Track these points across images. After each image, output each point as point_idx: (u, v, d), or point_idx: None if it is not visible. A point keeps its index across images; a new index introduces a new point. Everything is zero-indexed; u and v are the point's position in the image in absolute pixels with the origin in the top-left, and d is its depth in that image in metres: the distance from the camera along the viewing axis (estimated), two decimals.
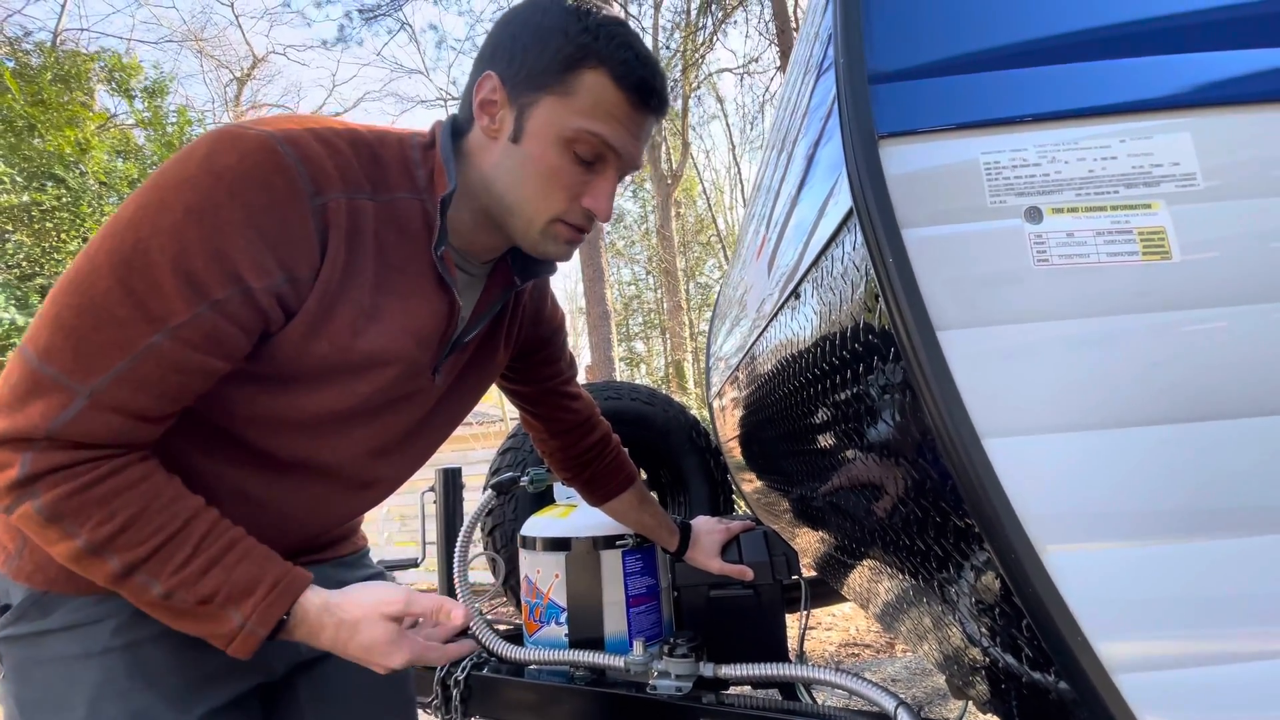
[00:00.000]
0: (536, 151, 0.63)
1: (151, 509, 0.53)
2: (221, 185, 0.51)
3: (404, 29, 13.95)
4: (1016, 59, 0.50)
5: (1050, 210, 0.47)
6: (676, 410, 2.05)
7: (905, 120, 0.49)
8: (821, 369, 0.68)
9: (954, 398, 0.44)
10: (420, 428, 0.75)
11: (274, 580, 0.57)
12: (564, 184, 0.64)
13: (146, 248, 0.50)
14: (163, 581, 0.53)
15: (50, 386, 0.50)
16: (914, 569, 0.65)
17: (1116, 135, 0.49)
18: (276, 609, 0.56)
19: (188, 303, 0.51)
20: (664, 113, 0.68)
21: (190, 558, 0.54)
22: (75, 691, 0.57)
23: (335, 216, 0.57)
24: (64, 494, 0.51)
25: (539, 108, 0.62)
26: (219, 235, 0.51)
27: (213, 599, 0.54)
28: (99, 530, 0.51)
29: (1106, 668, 0.43)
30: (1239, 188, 0.48)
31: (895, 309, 0.46)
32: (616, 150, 0.64)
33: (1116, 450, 0.44)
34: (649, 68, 0.64)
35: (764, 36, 9.66)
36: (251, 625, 0.55)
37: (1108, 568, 0.43)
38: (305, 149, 0.56)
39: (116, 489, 0.52)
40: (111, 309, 0.50)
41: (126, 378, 0.51)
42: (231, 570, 0.55)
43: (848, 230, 0.53)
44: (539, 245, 0.68)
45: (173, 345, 0.52)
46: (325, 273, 0.57)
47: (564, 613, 1.19)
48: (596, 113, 0.62)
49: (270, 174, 0.53)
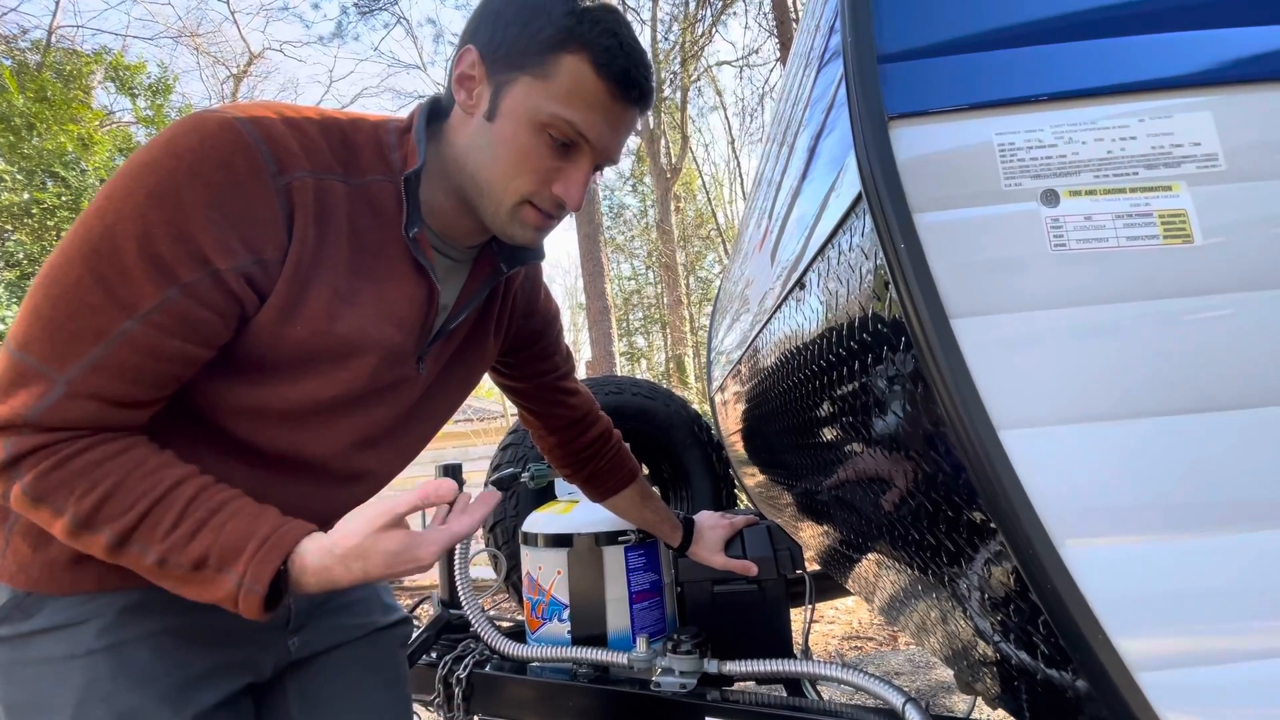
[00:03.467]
0: (509, 132, 0.61)
1: (134, 476, 0.53)
2: (182, 166, 0.51)
3: (400, 23, 13.89)
4: (1031, 36, 0.48)
5: (1067, 193, 0.46)
6: (678, 405, 2.03)
7: (916, 100, 0.47)
8: (828, 360, 0.67)
9: (968, 388, 0.43)
10: (407, 420, 0.74)
11: (265, 535, 0.54)
12: (534, 167, 0.63)
13: (113, 234, 0.51)
14: (155, 547, 0.52)
15: (31, 375, 0.51)
16: (924, 564, 0.63)
17: (1135, 115, 0.47)
18: (269, 563, 0.53)
19: (156, 286, 0.51)
20: (647, 106, 0.66)
21: (178, 520, 0.53)
22: (60, 693, 0.56)
23: (301, 196, 0.56)
24: (44, 470, 0.51)
25: (515, 87, 0.61)
26: (181, 216, 0.51)
27: (205, 562, 0.53)
28: (83, 502, 0.51)
29: (1128, 665, 0.41)
30: (1263, 168, 0.46)
31: (906, 297, 0.44)
32: (590, 140, 0.63)
33: (1137, 442, 0.43)
34: (632, 58, 0.62)
35: (763, 28, 9.61)
36: (248, 583, 0.53)
37: (1129, 563, 0.42)
38: (268, 129, 0.55)
39: (96, 460, 0.52)
40: (83, 297, 0.51)
41: (101, 365, 0.51)
42: (220, 531, 0.53)
43: (856, 216, 0.51)
44: (507, 228, 0.66)
45: (144, 331, 0.52)
46: (294, 253, 0.56)
47: (566, 609, 1.18)
48: (573, 99, 0.60)
49: (230, 153, 0.53)
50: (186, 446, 0.59)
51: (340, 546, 0.55)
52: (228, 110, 0.54)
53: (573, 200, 0.65)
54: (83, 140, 8.09)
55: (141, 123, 9.88)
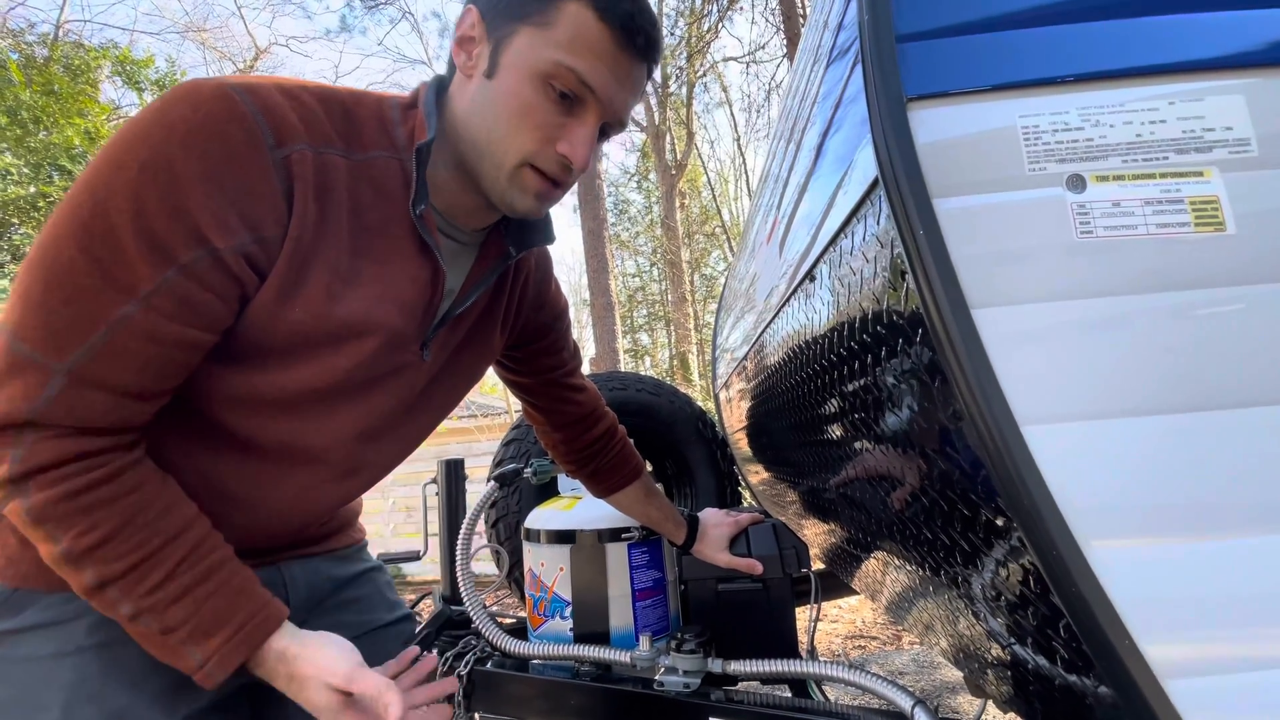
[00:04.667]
0: (510, 85, 0.58)
1: (135, 523, 0.52)
2: (174, 137, 0.48)
3: (405, 18, 13.87)
4: (1057, 14, 0.46)
5: (1094, 178, 0.44)
6: (682, 401, 2.02)
7: (936, 81, 0.45)
8: (839, 354, 0.65)
9: (990, 381, 0.41)
10: (411, 410, 0.71)
11: (240, 623, 0.55)
12: (536, 122, 0.59)
13: (105, 210, 0.48)
14: (132, 602, 0.52)
15: (25, 365, 0.48)
16: (936, 564, 0.62)
17: (1165, 97, 0.45)
18: (236, 656, 0.55)
19: (154, 267, 0.49)
20: (654, 58, 0.62)
21: (163, 582, 0.53)
22: (49, 692, 0.55)
23: (300, 169, 0.54)
24: (52, 498, 0.49)
25: (516, 39, 0.58)
26: (176, 190, 0.48)
27: (176, 631, 0.53)
28: (79, 541, 0.50)
29: (1155, 672, 0.39)
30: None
31: (925, 286, 0.43)
32: (595, 91, 0.59)
33: (1166, 439, 0.41)
34: (636, 3, 0.59)
35: (770, 23, 9.55)
36: (210, 667, 0.54)
37: (1157, 565, 0.40)
38: (265, 98, 0.52)
39: (104, 499, 0.51)
40: (78, 280, 0.48)
41: (103, 351, 0.49)
42: (202, 604, 0.54)
43: (872, 202, 0.49)
44: (507, 194, 0.63)
45: (145, 315, 0.49)
46: (294, 230, 0.54)
47: (569, 607, 1.17)
48: (575, 46, 0.57)
49: (225, 123, 0.50)
50: (177, 440, 0.57)
51: (293, 665, 0.57)
52: (222, 80, 0.52)
53: (578, 158, 0.61)
54: (89, 134, 8.11)
55: None
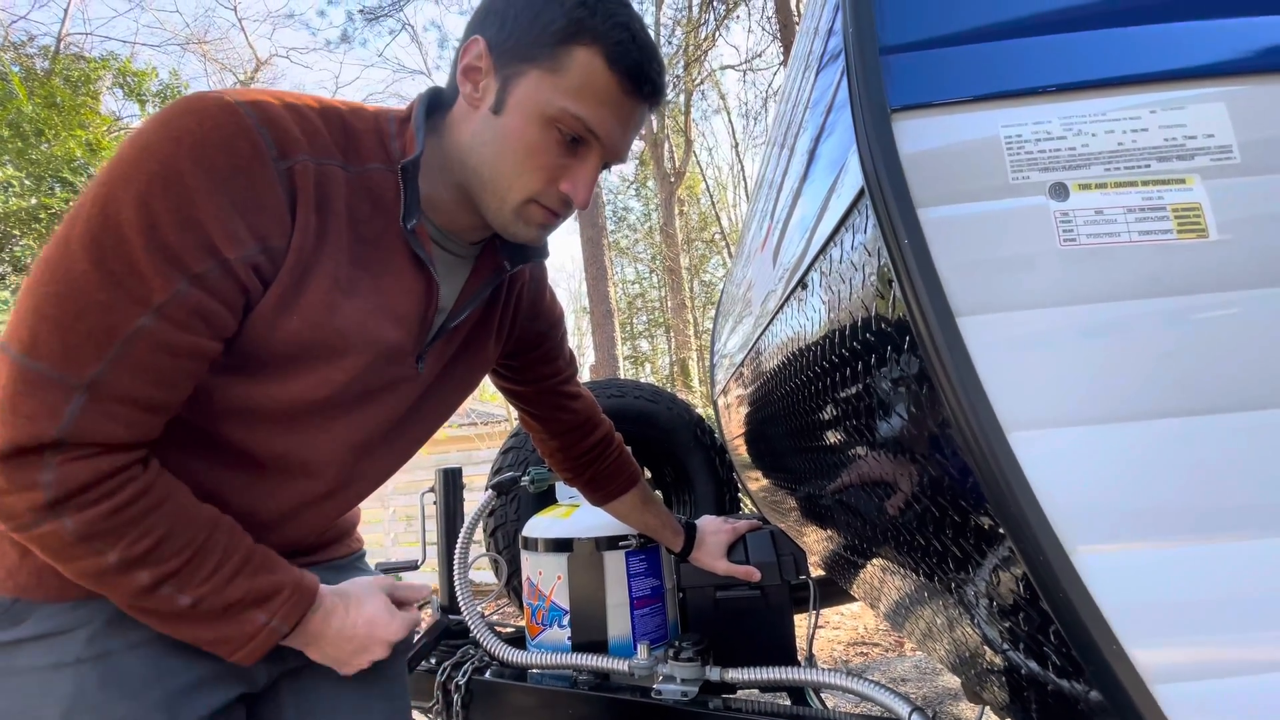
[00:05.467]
0: (517, 126, 0.60)
1: (180, 523, 0.54)
2: (182, 150, 0.49)
3: (405, 30, 13.97)
4: (1038, 25, 0.47)
5: (1077, 186, 0.44)
6: (681, 408, 2.02)
7: (919, 92, 0.46)
8: (831, 361, 0.65)
9: (975, 388, 0.41)
10: (405, 421, 0.72)
11: (295, 583, 0.61)
12: (542, 164, 0.61)
13: (116, 223, 0.48)
14: (191, 592, 0.54)
15: (43, 383, 0.47)
16: (930, 570, 0.62)
17: (1147, 106, 0.46)
18: (299, 607, 0.60)
19: (166, 279, 0.49)
20: (658, 102, 0.65)
21: (219, 566, 0.56)
22: (48, 704, 0.55)
23: (303, 181, 0.55)
24: (100, 514, 0.50)
25: (524, 80, 0.59)
26: (186, 202, 0.49)
27: (237, 604, 0.57)
28: (133, 549, 0.52)
29: (1143, 676, 0.39)
30: (1279, 161, 0.45)
31: (911, 294, 0.43)
32: (600, 137, 0.61)
33: (1151, 444, 0.41)
34: (645, 52, 0.60)
35: (766, 32, 9.62)
36: (276, 623, 0.58)
37: (1143, 570, 0.40)
38: (268, 111, 0.53)
39: (149, 506, 0.52)
40: (91, 294, 0.48)
41: (120, 365, 0.49)
42: (255, 576, 0.58)
43: (858, 212, 0.50)
44: (510, 226, 0.65)
45: (159, 326, 0.49)
46: (297, 240, 0.55)
47: (567, 615, 1.17)
48: (584, 94, 0.59)
49: (231, 136, 0.51)
50: (173, 453, 0.57)
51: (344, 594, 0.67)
52: (224, 93, 0.52)
53: (580, 199, 0.63)
54: (91, 146, 8.15)
55: None
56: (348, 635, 0.66)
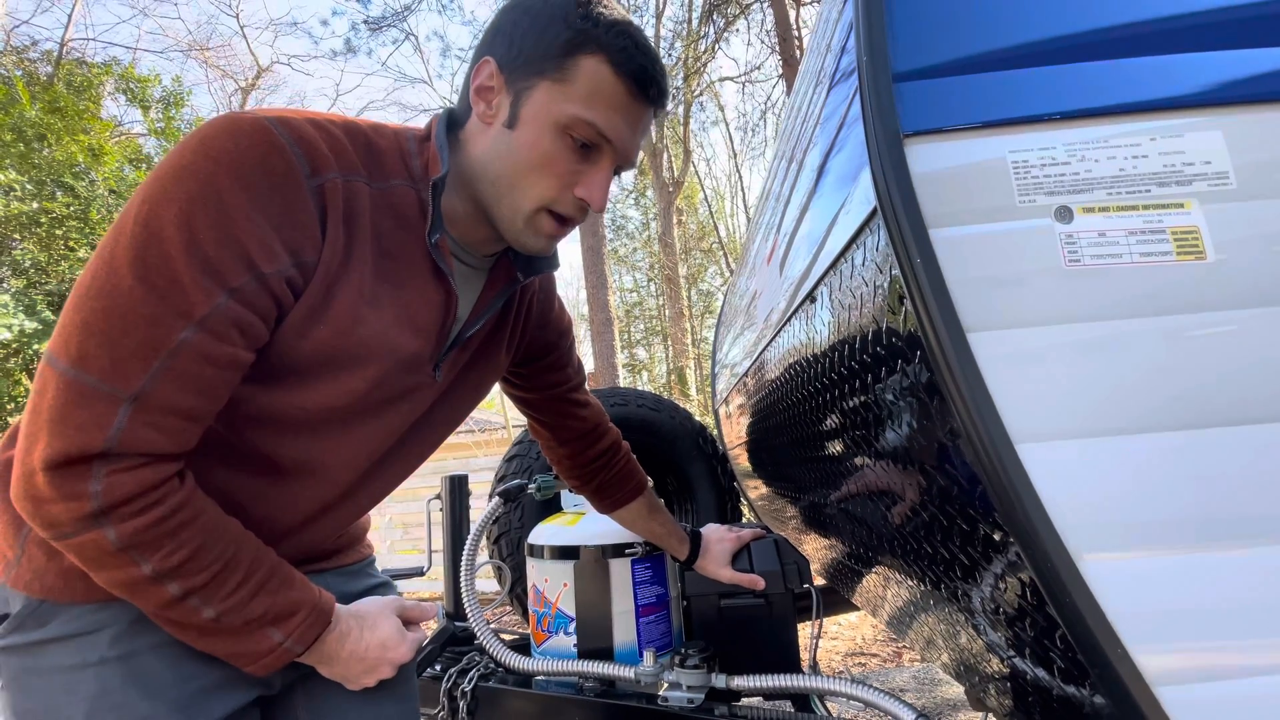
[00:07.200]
0: (530, 137, 0.62)
1: (212, 537, 0.56)
2: (221, 169, 0.51)
3: (409, 39, 14.06)
4: (1044, 56, 0.49)
5: (1081, 209, 0.46)
6: (683, 416, 2.03)
7: (930, 119, 0.48)
8: (840, 373, 0.67)
9: (985, 401, 0.43)
10: (417, 428, 0.74)
11: (313, 601, 0.62)
12: (557, 171, 0.63)
13: (160, 240, 0.50)
14: (216, 605, 0.56)
15: (92, 395, 0.49)
16: (936, 578, 0.63)
17: (1147, 133, 0.48)
18: (316, 627, 0.62)
19: (207, 293, 0.51)
20: (663, 105, 0.67)
21: (243, 581, 0.57)
22: (73, 703, 0.56)
23: (333, 197, 0.57)
24: (143, 525, 0.51)
25: (535, 93, 0.62)
26: (226, 219, 0.51)
27: (258, 619, 0.58)
28: (167, 561, 0.53)
29: (1147, 680, 0.41)
30: (1273, 187, 0.47)
31: (922, 310, 0.45)
32: (611, 141, 0.64)
33: (1154, 456, 0.43)
34: (648, 56, 0.63)
35: (765, 44, 9.71)
36: (290, 643, 0.60)
37: (1148, 577, 0.42)
38: (299, 130, 0.56)
39: (186, 520, 0.54)
40: (137, 308, 0.50)
41: (165, 376, 0.51)
42: (276, 594, 0.59)
43: (870, 231, 0.52)
44: (520, 236, 0.67)
45: (201, 339, 0.51)
46: (326, 254, 0.57)
47: (572, 622, 1.18)
48: (593, 100, 0.61)
49: (267, 155, 0.53)
50: (196, 459, 0.58)
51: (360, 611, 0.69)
52: (257, 112, 0.55)
53: (596, 203, 0.66)
54: (93, 151, 8.17)
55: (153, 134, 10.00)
56: (359, 657, 0.67)
